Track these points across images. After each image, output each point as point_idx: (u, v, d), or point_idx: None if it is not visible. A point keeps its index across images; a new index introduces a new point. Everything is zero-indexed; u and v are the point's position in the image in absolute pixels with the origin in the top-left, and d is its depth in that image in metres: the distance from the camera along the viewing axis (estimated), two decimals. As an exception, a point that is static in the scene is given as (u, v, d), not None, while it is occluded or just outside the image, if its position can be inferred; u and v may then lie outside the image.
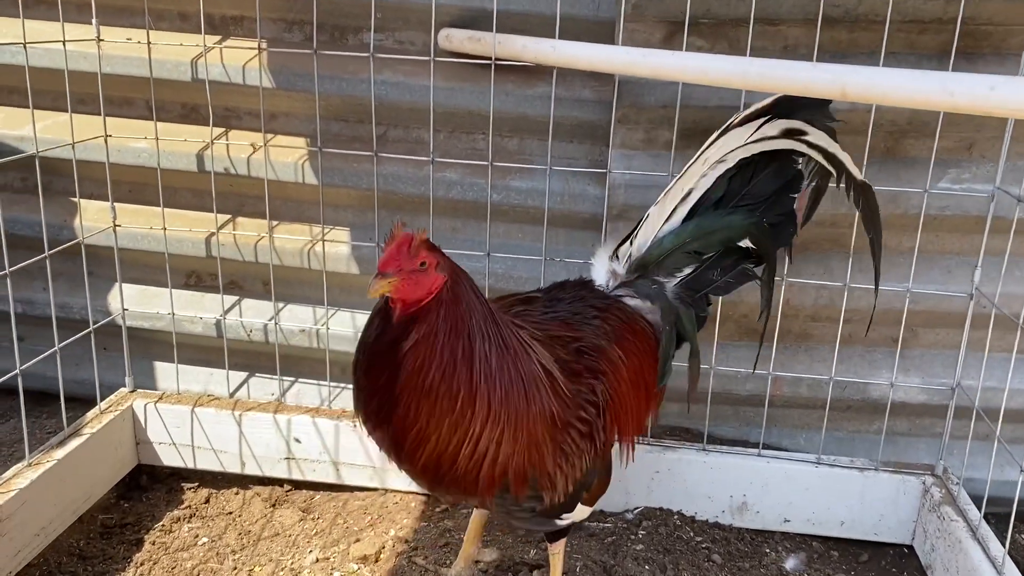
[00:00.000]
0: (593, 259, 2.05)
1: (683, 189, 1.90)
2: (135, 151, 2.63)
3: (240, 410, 2.56)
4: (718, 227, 1.90)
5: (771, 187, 1.91)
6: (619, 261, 1.97)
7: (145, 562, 2.31)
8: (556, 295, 1.93)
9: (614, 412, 1.79)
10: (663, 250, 1.91)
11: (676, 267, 1.94)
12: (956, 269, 2.42)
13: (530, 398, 1.61)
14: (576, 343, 1.78)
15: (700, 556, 2.31)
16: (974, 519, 2.17)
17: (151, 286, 2.81)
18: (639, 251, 1.94)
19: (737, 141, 1.84)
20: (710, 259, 1.94)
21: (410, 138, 2.57)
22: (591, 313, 1.87)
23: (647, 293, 1.94)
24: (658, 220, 1.92)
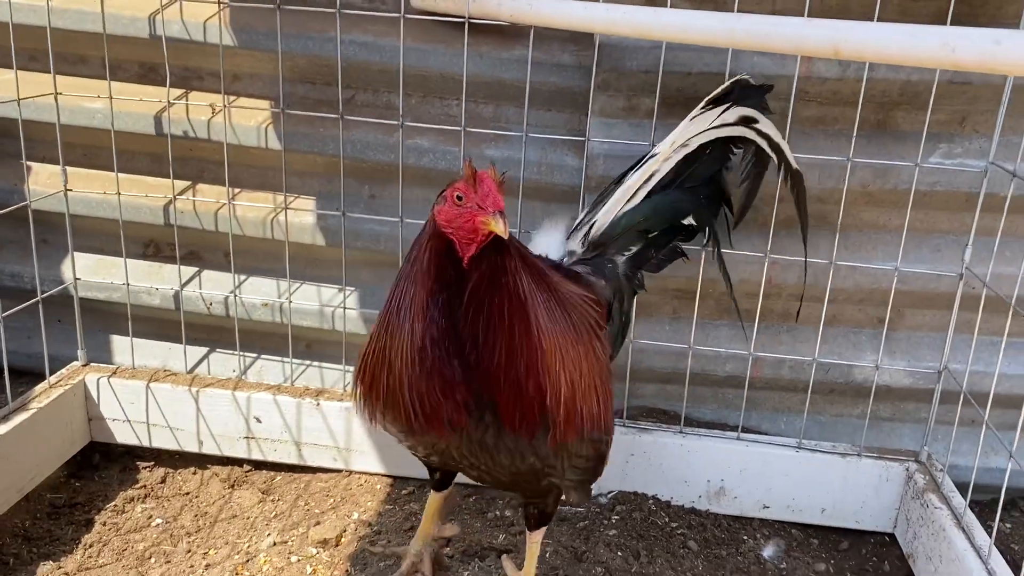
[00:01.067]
0: (535, 234, 2.02)
1: (649, 171, 1.94)
2: (89, 112, 2.49)
3: (198, 386, 2.44)
4: (667, 206, 1.97)
5: (711, 169, 2.01)
6: (576, 239, 1.97)
7: (94, 544, 2.19)
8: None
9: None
10: (619, 229, 1.95)
11: (627, 245, 1.97)
12: (946, 248, 2.33)
13: (585, 332, 1.64)
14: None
15: (675, 543, 2.23)
16: (959, 507, 2.09)
17: (107, 255, 2.68)
18: (599, 231, 1.95)
19: (701, 126, 1.93)
20: (653, 237, 1.99)
21: (380, 102, 2.45)
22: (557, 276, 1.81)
23: (603, 271, 1.93)
24: (621, 200, 1.95)
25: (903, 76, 2.15)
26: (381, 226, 2.48)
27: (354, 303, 2.58)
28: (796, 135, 2.22)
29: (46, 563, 2.10)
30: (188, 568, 2.10)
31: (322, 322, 2.59)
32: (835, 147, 2.23)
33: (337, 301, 2.56)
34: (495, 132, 2.38)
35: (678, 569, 2.13)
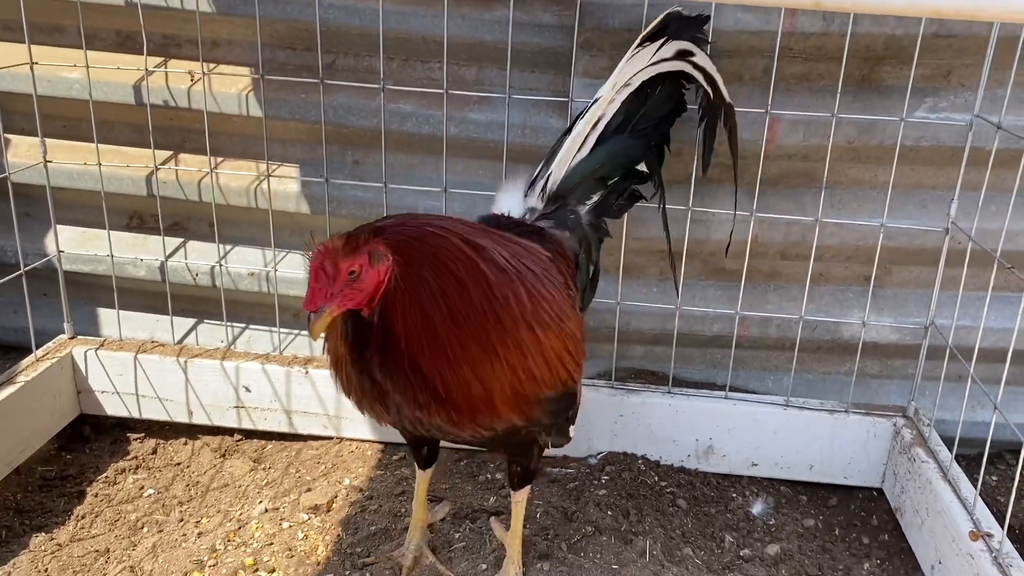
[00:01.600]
0: (498, 193, 2.00)
1: (595, 116, 1.91)
2: (67, 82, 2.46)
3: (186, 356, 2.44)
4: (620, 151, 1.94)
5: (662, 111, 1.98)
6: (535, 194, 1.94)
7: (87, 515, 2.20)
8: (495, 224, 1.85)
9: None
10: (576, 179, 1.92)
11: (587, 194, 1.95)
12: (931, 204, 2.33)
13: (535, 296, 1.54)
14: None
15: (665, 501, 2.24)
16: (945, 460, 2.11)
17: (91, 228, 2.66)
18: (555, 183, 1.92)
19: (640, 64, 1.90)
20: (613, 184, 1.97)
21: (361, 67, 2.42)
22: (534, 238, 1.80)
23: (566, 223, 1.90)
24: (572, 149, 1.93)
25: (887, 30, 2.13)
26: (365, 192, 2.47)
27: (341, 271, 2.56)
28: (781, 92, 2.20)
29: (39, 535, 2.10)
30: (181, 536, 2.10)
31: (309, 291, 2.58)
32: (820, 103, 2.21)
33: (323, 269, 2.55)
34: (478, 95, 2.35)
35: (667, 527, 2.14)
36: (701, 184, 2.25)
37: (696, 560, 2.05)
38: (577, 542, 2.04)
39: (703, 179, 2.31)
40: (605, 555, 2.00)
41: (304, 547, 2.03)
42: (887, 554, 2.17)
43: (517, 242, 1.64)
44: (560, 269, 1.73)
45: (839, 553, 2.15)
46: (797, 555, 2.12)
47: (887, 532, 2.25)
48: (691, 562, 2.03)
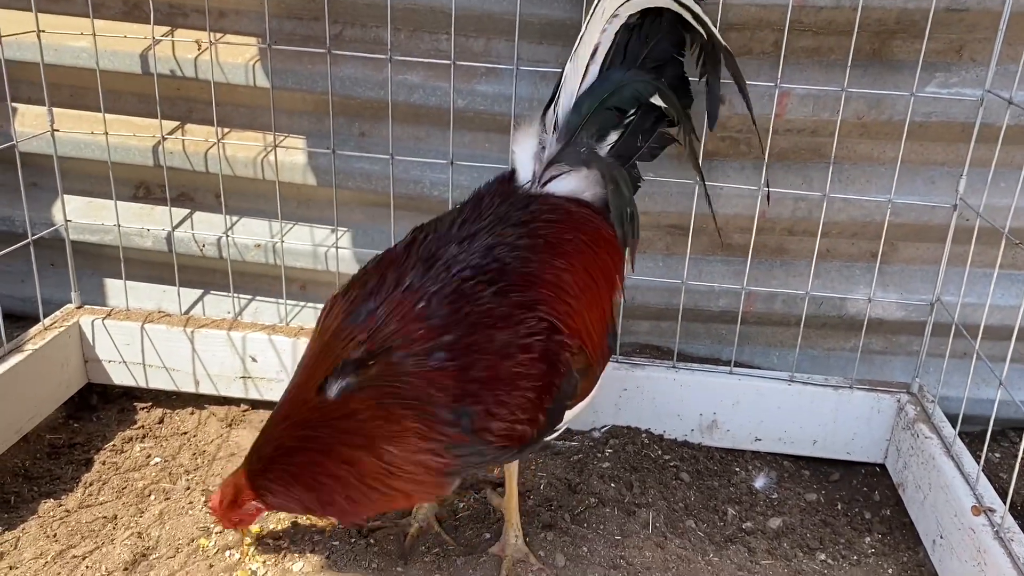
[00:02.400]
0: (514, 145, 1.89)
1: (591, 44, 1.80)
2: (74, 51, 2.45)
3: (192, 327, 2.45)
4: (627, 80, 1.80)
5: (666, 52, 1.87)
6: (547, 130, 1.82)
7: (94, 482, 2.22)
8: (471, 229, 1.73)
9: (571, 325, 1.68)
10: (585, 109, 1.80)
11: (603, 129, 1.83)
12: (940, 180, 2.32)
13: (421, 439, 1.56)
14: (497, 284, 1.64)
15: (668, 474, 2.26)
16: (948, 436, 2.11)
17: (98, 198, 2.67)
18: (564, 113, 1.80)
19: None
20: (633, 122, 1.85)
21: (368, 38, 2.41)
22: (513, 235, 1.72)
23: (580, 159, 1.80)
24: (575, 78, 1.81)
25: (899, 3, 2.11)
26: (372, 164, 2.46)
27: (347, 243, 2.57)
28: (791, 66, 2.19)
29: (47, 501, 2.12)
30: (187, 504, 2.12)
31: (315, 263, 2.58)
32: (830, 78, 2.20)
33: (330, 242, 2.55)
34: (486, 66, 2.34)
35: (670, 500, 2.16)
36: (708, 158, 2.25)
37: (698, 532, 2.06)
38: (580, 513, 2.06)
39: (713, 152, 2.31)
40: (608, 526, 2.01)
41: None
42: (888, 528, 2.18)
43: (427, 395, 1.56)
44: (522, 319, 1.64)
45: (841, 527, 2.17)
46: (799, 528, 2.13)
47: (889, 507, 2.26)
48: (693, 534, 2.05)
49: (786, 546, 2.06)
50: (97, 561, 1.89)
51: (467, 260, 1.64)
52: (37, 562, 1.90)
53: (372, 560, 1.87)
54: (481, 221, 1.73)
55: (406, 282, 1.60)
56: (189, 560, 1.90)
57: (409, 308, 1.56)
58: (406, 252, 1.68)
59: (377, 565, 1.86)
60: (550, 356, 1.62)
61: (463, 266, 1.63)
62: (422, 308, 1.56)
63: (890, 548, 2.11)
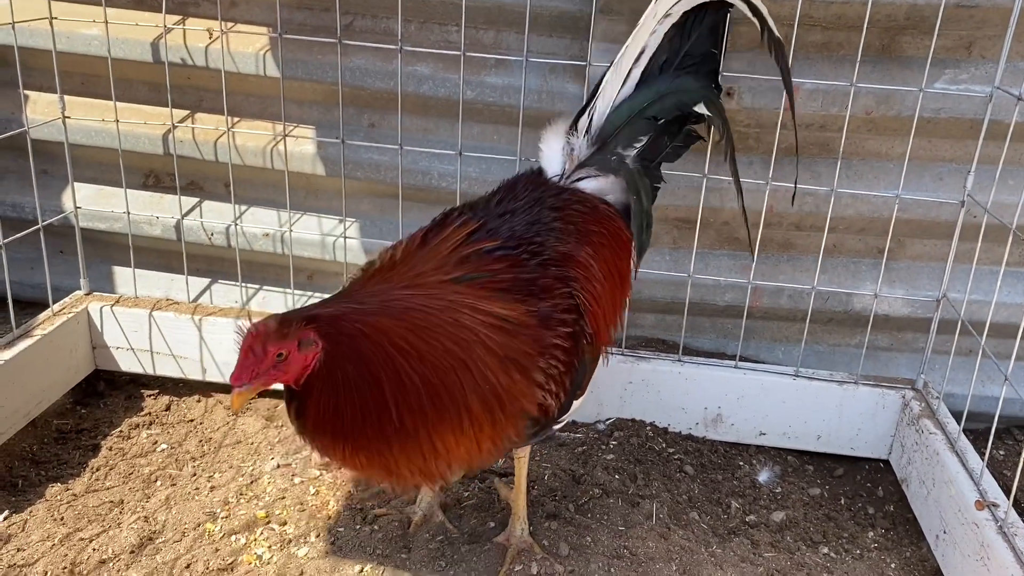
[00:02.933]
0: (542, 144, 1.89)
1: (636, 49, 1.79)
2: (85, 39, 2.47)
3: (200, 315, 2.46)
4: (672, 89, 1.81)
5: (705, 47, 1.85)
6: (578, 136, 1.83)
7: (101, 467, 2.23)
8: (509, 206, 1.76)
9: (593, 310, 1.70)
10: (621, 117, 1.80)
11: (634, 136, 1.83)
12: (948, 176, 2.32)
13: (478, 376, 1.48)
14: (539, 257, 1.67)
15: (672, 467, 2.26)
16: (953, 432, 2.11)
17: (108, 186, 2.68)
18: (599, 121, 1.80)
19: None
20: (662, 126, 1.85)
21: (378, 29, 2.42)
22: (549, 217, 1.75)
23: (609, 166, 1.82)
24: (615, 85, 1.80)
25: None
26: (381, 155, 2.47)
27: (355, 233, 2.58)
28: (800, 61, 2.19)
29: (54, 485, 2.14)
30: (194, 490, 2.14)
31: (323, 253, 2.60)
32: (839, 73, 2.20)
33: (338, 232, 2.56)
34: (496, 57, 2.35)
35: (674, 492, 2.16)
36: (718, 152, 2.25)
37: (702, 524, 2.07)
38: (584, 503, 2.07)
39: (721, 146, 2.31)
40: (612, 516, 2.02)
41: (315, 501, 2.06)
42: (891, 524, 2.19)
43: (482, 312, 1.53)
44: (556, 289, 1.65)
45: (844, 522, 2.17)
46: (802, 522, 2.14)
47: (892, 503, 2.27)
48: (697, 526, 2.05)
49: (789, 539, 2.07)
50: (104, 544, 1.90)
51: (511, 230, 1.68)
52: (44, 544, 1.91)
53: (376, 546, 1.88)
54: (517, 201, 1.76)
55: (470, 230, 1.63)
56: (195, 544, 1.91)
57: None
58: (444, 221, 1.69)
59: (381, 551, 1.87)
60: (576, 336, 1.65)
61: (509, 235, 1.66)
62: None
63: (893, 543, 2.11)
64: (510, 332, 1.52)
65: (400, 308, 1.48)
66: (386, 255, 1.66)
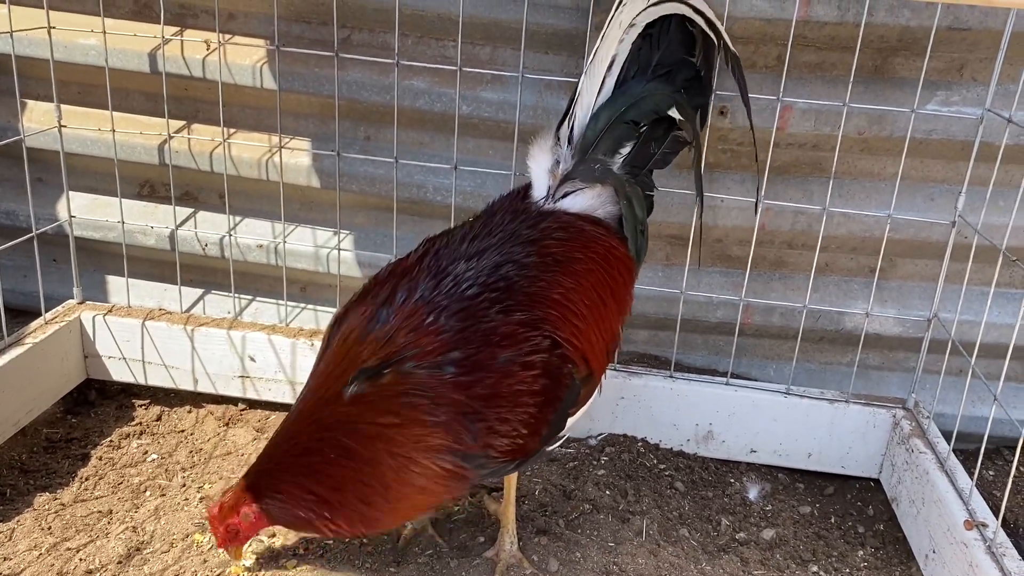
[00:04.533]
0: (529, 160, 1.88)
1: (607, 56, 1.79)
2: (83, 48, 2.48)
3: (193, 325, 2.46)
4: (646, 93, 1.80)
5: (676, 56, 1.86)
6: (561, 145, 1.82)
7: (90, 477, 2.22)
8: (481, 244, 1.74)
9: (575, 344, 1.70)
10: (601, 124, 1.80)
11: (618, 142, 1.83)
12: (939, 198, 2.34)
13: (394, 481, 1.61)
14: (502, 304, 1.65)
15: (663, 483, 2.26)
16: (943, 452, 2.12)
17: (102, 195, 2.68)
18: (580, 129, 1.81)
19: (640, 5, 1.78)
20: (645, 132, 1.85)
21: (375, 43, 2.43)
22: (521, 253, 1.72)
23: (594, 175, 1.81)
24: (591, 92, 1.80)
25: (902, 21, 2.14)
26: (376, 168, 2.48)
27: (349, 246, 2.58)
28: (793, 81, 2.21)
29: (42, 494, 2.13)
30: (183, 500, 2.13)
31: (317, 265, 2.60)
32: (832, 93, 2.22)
33: (332, 244, 2.57)
34: (492, 72, 2.36)
35: (665, 508, 2.16)
36: (709, 170, 2.27)
37: (692, 541, 2.07)
38: (575, 519, 2.07)
39: (714, 164, 2.33)
40: (602, 532, 2.02)
41: (305, 514, 2.05)
42: (881, 543, 2.19)
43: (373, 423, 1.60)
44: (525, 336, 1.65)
45: (834, 540, 2.17)
46: (792, 540, 2.14)
47: (882, 522, 2.27)
48: (687, 543, 2.05)
49: (779, 557, 2.07)
50: (91, 554, 1.89)
51: (475, 278, 1.66)
52: (31, 554, 1.90)
53: (366, 560, 1.88)
54: (491, 238, 1.74)
55: (417, 294, 1.62)
56: (183, 555, 1.90)
57: (420, 321, 1.59)
58: (417, 264, 1.71)
59: (371, 565, 1.86)
60: (552, 371, 1.63)
61: (471, 283, 1.65)
62: (432, 322, 1.59)
63: (883, 562, 2.11)
64: (405, 424, 1.57)
65: (301, 457, 1.65)
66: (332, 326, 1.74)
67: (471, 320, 1.60)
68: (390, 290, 1.65)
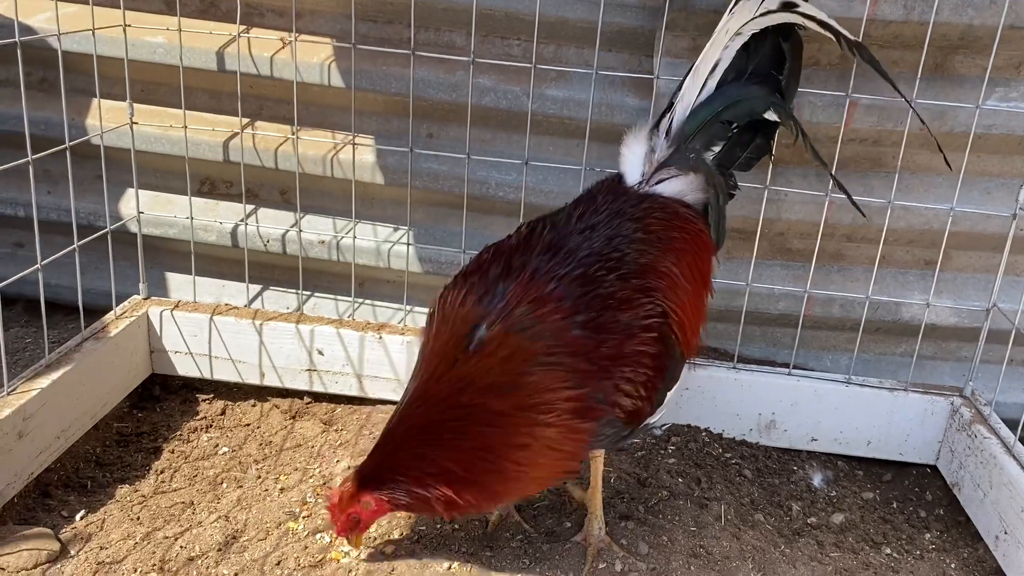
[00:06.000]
0: (624, 148, 1.98)
1: (712, 60, 1.90)
2: (150, 47, 2.50)
3: (261, 319, 2.49)
4: (744, 96, 1.91)
5: (767, 67, 1.96)
6: (659, 136, 1.92)
7: (165, 469, 2.25)
8: (590, 220, 1.82)
9: (679, 318, 1.76)
10: (699, 120, 1.90)
11: (711, 140, 1.93)
12: (996, 191, 2.41)
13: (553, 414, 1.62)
14: (617, 272, 1.73)
15: (731, 471, 2.31)
16: (1007, 438, 2.18)
17: (163, 192, 2.71)
18: (679, 122, 1.91)
19: (748, 15, 1.88)
20: (735, 134, 1.95)
21: (440, 42, 2.48)
22: (629, 228, 1.81)
23: (688, 164, 1.90)
24: (693, 91, 1.91)
25: (965, 20, 2.20)
26: (440, 164, 2.53)
27: (410, 241, 2.62)
28: (857, 78, 2.26)
29: (122, 486, 2.15)
30: (263, 491, 2.15)
31: (377, 260, 2.64)
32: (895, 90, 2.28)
33: (392, 240, 2.61)
34: (558, 69, 2.40)
35: (737, 495, 2.21)
36: (775, 164, 2.32)
37: (767, 525, 2.12)
38: (654, 505, 2.11)
39: (778, 159, 2.37)
40: (683, 517, 2.06)
41: (392, 502, 2.09)
42: (945, 526, 2.25)
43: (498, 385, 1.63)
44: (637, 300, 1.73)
45: (900, 524, 2.23)
46: (861, 524, 2.19)
47: (942, 507, 2.33)
48: (763, 527, 2.10)
49: (851, 540, 2.12)
50: (189, 542, 1.91)
51: (591, 247, 1.72)
52: (127, 543, 1.92)
53: (461, 545, 1.91)
54: (599, 215, 1.82)
55: (532, 266, 1.67)
56: (281, 542, 1.93)
57: (539, 290, 1.63)
58: (527, 242, 1.75)
59: (467, 549, 1.90)
60: (665, 338, 1.70)
61: (587, 253, 1.71)
62: (553, 289, 1.63)
63: (950, 544, 2.17)
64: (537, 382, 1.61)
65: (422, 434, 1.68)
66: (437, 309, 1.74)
67: (591, 286, 1.67)
68: (503, 266, 1.69)
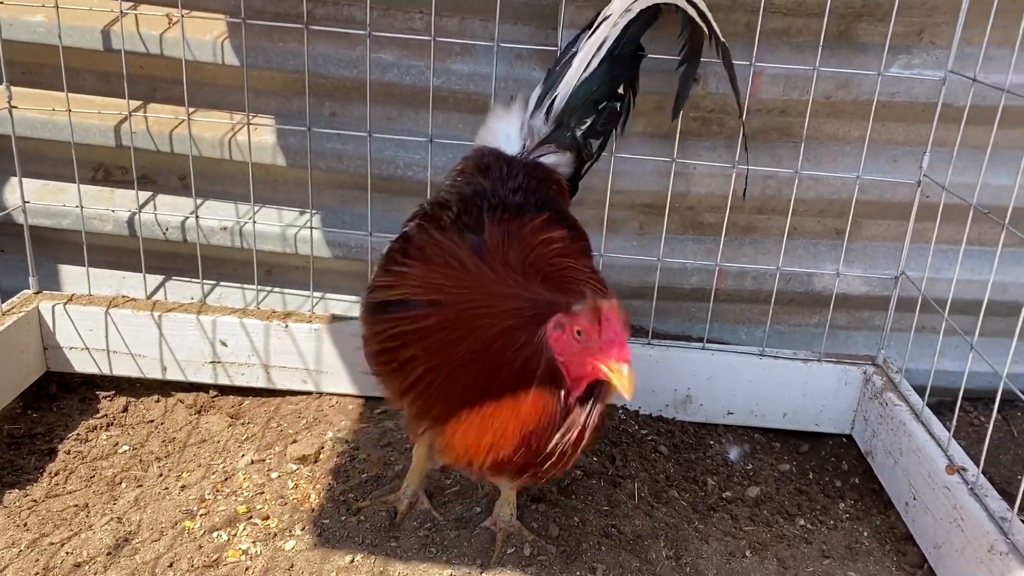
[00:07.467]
0: (494, 120, 2.03)
1: (600, 39, 1.94)
2: (29, 26, 2.36)
3: (159, 311, 2.38)
4: (614, 75, 1.99)
5: (635, 42, 2.02)
6: (541, 114, 1.98)
7: (60, 471, 2.14)
8: (513, 184, 1.87)
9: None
10: (579, 99, 1.97)
11: (583, 117, 2.00)
12: (902, 159, 2.41)
13: None
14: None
15: (647, 448, 2.29)
16: (916, 404, 2.19)
17: (52, 180, 2.57)
18: (561, 103, 1.97)
19: None
20: (603, 107, 2.02)
21: (340, 16, 2.38)
22: (543, 188, 1.91)
23: (566, 144, 1.98)
24: (578, 71, 1.96)
25: (866, -13, 2.19)
26: (344, 144, 2.44)
27: (317, 225, 2.53)
28: (762, 47, 2.24)
29: (12, 491, 2.04)
30: (163, 490, 2.06)
31: (284, 246, 2.54)
32: (799, 59, 2.26)
33: (299, 224, 2.51)
34: (461, 42, 2.33)
35: (652, 471, 2.19)
36: (683, 137, 2.29)
37: (682, 501, 2.10)
38: (567, 486, 2.07)
39: (685, 132, 2.35)
40: (596, 497, 2.03)
41: (296, 495, 2.01)
42: (859, 495, 2.26)
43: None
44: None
45: (815, 495, 2.23)
46: (776, 496, 2.19)
47: (857, 475, 2.34)
48: (678, 503, 2.08)
49: (766, 513, 2.11)
50: (77, 547, 1.82)
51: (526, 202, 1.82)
52: (10, 551, 1.82)
53: (365, 536, 1.85)
54: (517, 179, 1.88)
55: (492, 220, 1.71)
56: (176, 542, 1.84)
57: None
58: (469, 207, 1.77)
59: (371, 540, 1.84)
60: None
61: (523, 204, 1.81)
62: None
63: (863, 512, 2.18)
64: None
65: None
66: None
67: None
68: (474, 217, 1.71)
